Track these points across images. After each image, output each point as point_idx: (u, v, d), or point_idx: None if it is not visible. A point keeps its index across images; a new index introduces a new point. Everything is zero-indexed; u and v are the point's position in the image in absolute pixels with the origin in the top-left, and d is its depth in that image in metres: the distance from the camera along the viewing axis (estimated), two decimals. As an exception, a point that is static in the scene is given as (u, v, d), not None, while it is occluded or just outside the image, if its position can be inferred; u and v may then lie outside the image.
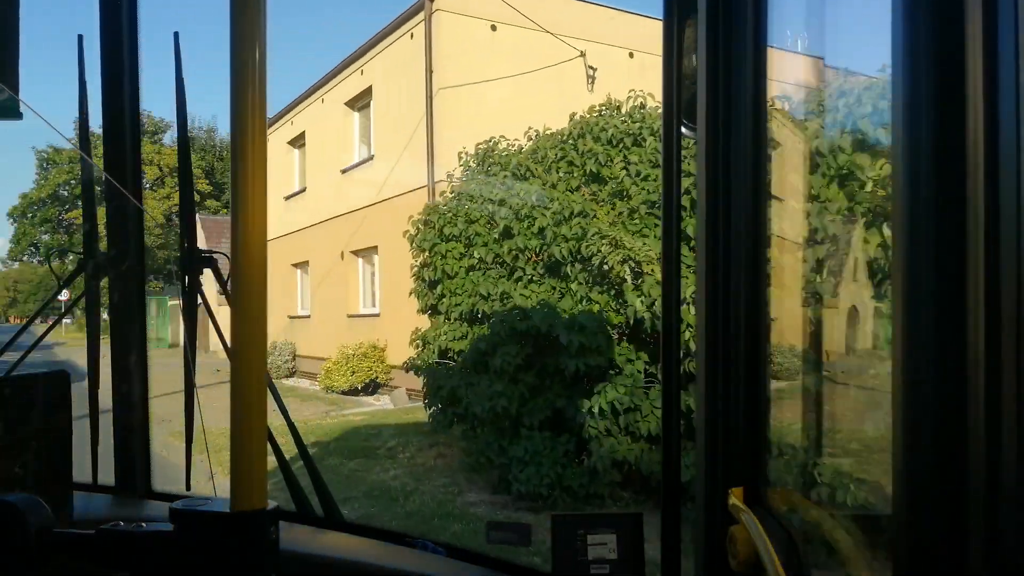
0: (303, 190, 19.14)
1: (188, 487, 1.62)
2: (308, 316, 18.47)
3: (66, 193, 40.07)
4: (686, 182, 1.34)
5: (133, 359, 1.59)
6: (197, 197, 37.18)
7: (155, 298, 34.00)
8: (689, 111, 1.12)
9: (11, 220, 43.06)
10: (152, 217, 37.37)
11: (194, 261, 1.53)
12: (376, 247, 14.87)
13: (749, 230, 1.03)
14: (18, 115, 1.44)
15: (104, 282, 1.65)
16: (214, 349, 28.80)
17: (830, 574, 1.05)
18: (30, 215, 41.38)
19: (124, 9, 1.51)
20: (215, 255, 1.52)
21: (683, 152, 1.20)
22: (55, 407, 1.26)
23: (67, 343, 40.27)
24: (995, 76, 0.53)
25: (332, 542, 1.36)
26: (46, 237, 41.57)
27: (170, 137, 42.33)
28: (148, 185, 39.07)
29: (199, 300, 1.67)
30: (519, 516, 5.88)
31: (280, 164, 20.88)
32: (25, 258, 43.41)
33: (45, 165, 41.81)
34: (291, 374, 18.25)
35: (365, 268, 16.08)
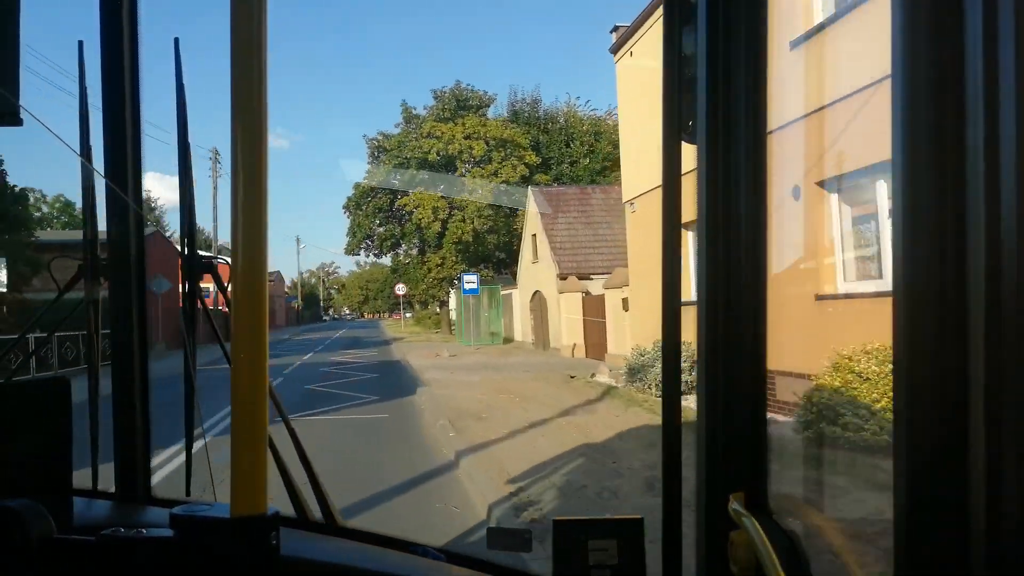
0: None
1: (188, 493, 1.63)
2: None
3: (396, 180, 38.19)
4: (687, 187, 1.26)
5: (133, 363, 1.65)
6: (526, 171, 33.35)
7: (487, 287, 30.15)
8: (690, 118, 1.17)
9: (346, 212, 42.53)
10: (476, 200, 34.12)
11: (194, 267, 1.58)
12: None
13: (749, 233, 1.09)
14: (18, 121, 1.53)
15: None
16: (555, 345, 23.26)
17: None
18: (364, 206, 40.26)
19: (124, 14, 1.60)
20: (216, 260, 1.60)
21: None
22: (55, 413, 1.32)
23: (406, 337, 41.00)
24: (995, 78, 0.56)
25: (332, 547, 1.39)
26: (381, 229, 40.07)
27: (494, 111, 41.64)
28: (475, 162, 36.83)
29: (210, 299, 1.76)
30: None
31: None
32: (362, 252, 42.50)
33: (376, 153, 40.31)
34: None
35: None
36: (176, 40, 1.58)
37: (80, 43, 1.66)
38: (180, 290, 1.62)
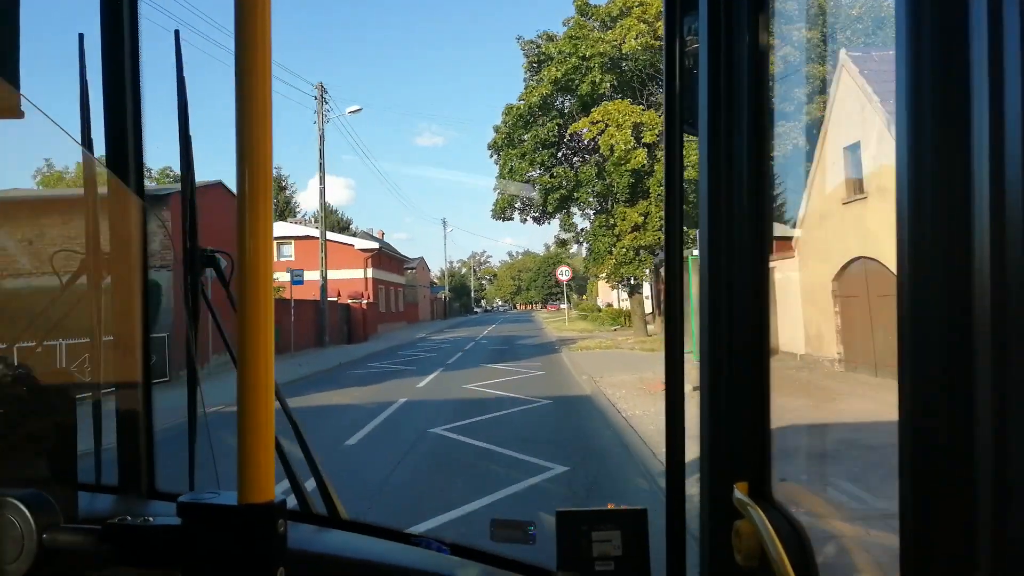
0: None
1: (191, 486, 1.68)
2: None
3: (562, 103, 24.34)
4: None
5: (135, 355, 1.75)
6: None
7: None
8: (691, 110, 1.24)
9: (494, 156, 28.82)
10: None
11: (196, 259, 1.66)
12: None
13: (752, 224, 1.15)
14: (19, 113, 1.59)
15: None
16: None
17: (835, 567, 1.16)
18: (518, 141, 26.24)
19: (125, 7, 1.74)
20: (218, 254, 1.64)
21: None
22: (59, 406, 1.39)
23: (576, 339, 32.13)
24: (1001, 81, 0.58)
25: (336, 540, 1.48)
26: (547, 177, 26.25)
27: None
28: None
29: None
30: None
31: None
32: (516, 215, 28.64)
33: (537, 63, 26.36)
34: None
35: None
36: (176, 32, 1.69)
37: (80, 36, 1.75)
38: (183, 283, 1.71)
